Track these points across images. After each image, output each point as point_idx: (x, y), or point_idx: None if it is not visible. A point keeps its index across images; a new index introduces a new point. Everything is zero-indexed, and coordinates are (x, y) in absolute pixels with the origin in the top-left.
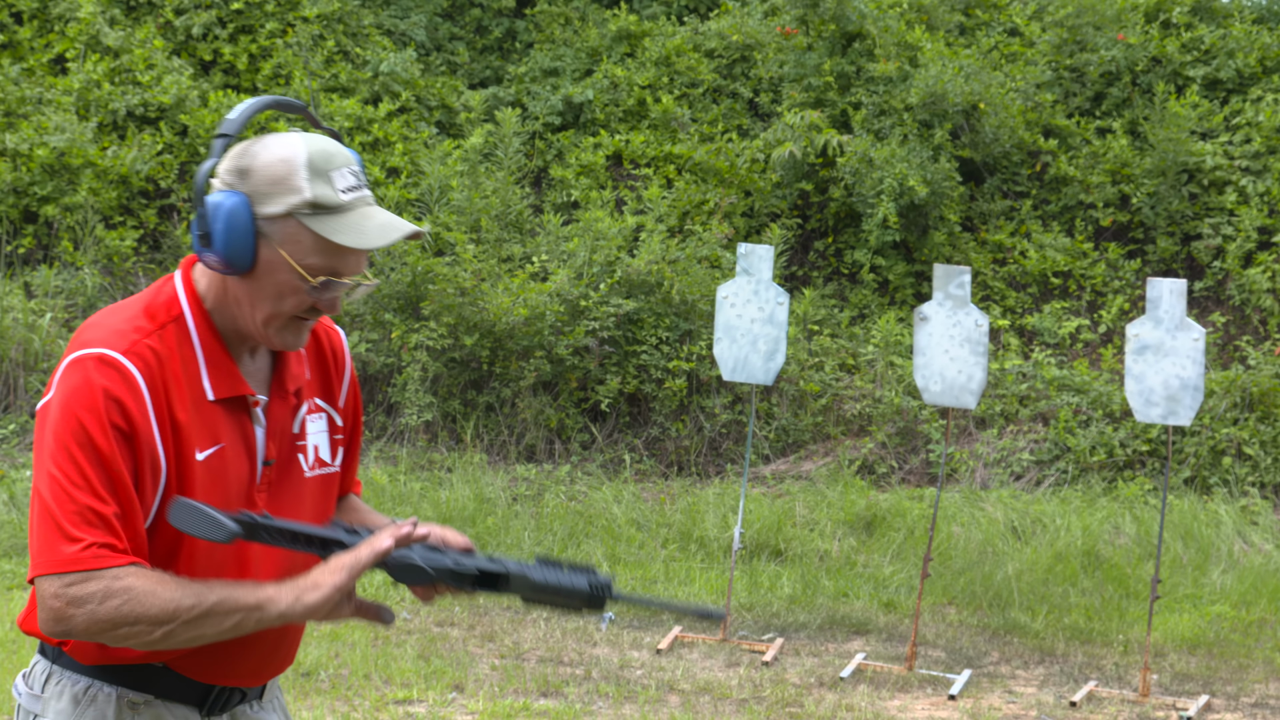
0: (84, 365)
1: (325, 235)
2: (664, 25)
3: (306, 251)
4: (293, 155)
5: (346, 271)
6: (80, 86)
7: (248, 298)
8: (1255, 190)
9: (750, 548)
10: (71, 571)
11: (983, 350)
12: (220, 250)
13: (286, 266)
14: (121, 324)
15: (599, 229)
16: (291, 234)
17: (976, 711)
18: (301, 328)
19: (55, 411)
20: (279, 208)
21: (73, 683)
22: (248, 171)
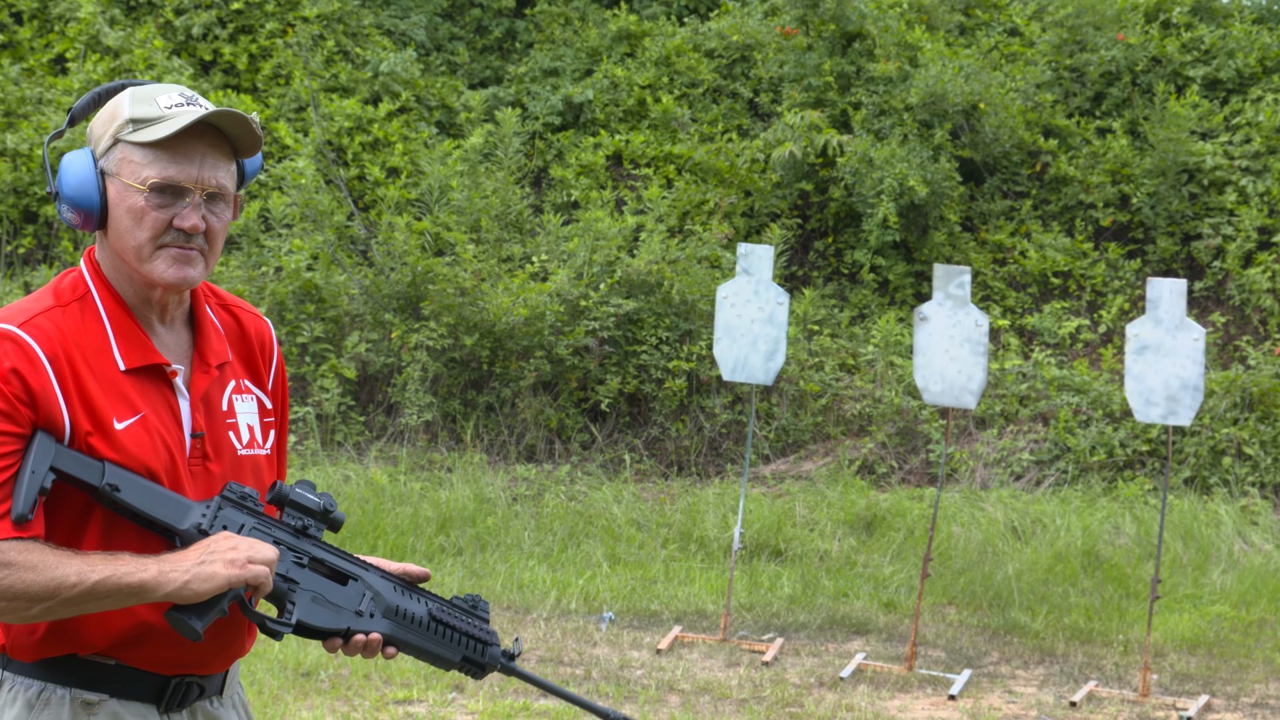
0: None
1: (147, 139)
2: (664, 25)
3: (137, 167)
4: (119, 100)
5: (184, 178)
6: (80, 86)
7: (119, 243)
8: (1255, 190)
9: (750, 548)
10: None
11: (983, 350)
12: (71, 197)
13: (126, 189)
14: (25, 304)
15: (599, 229)
16: (122, 158)
17: (976, 711)
18: (180, 256)
19: None
20: (107, 141)
21: (25, 687)
22: (89, 133)
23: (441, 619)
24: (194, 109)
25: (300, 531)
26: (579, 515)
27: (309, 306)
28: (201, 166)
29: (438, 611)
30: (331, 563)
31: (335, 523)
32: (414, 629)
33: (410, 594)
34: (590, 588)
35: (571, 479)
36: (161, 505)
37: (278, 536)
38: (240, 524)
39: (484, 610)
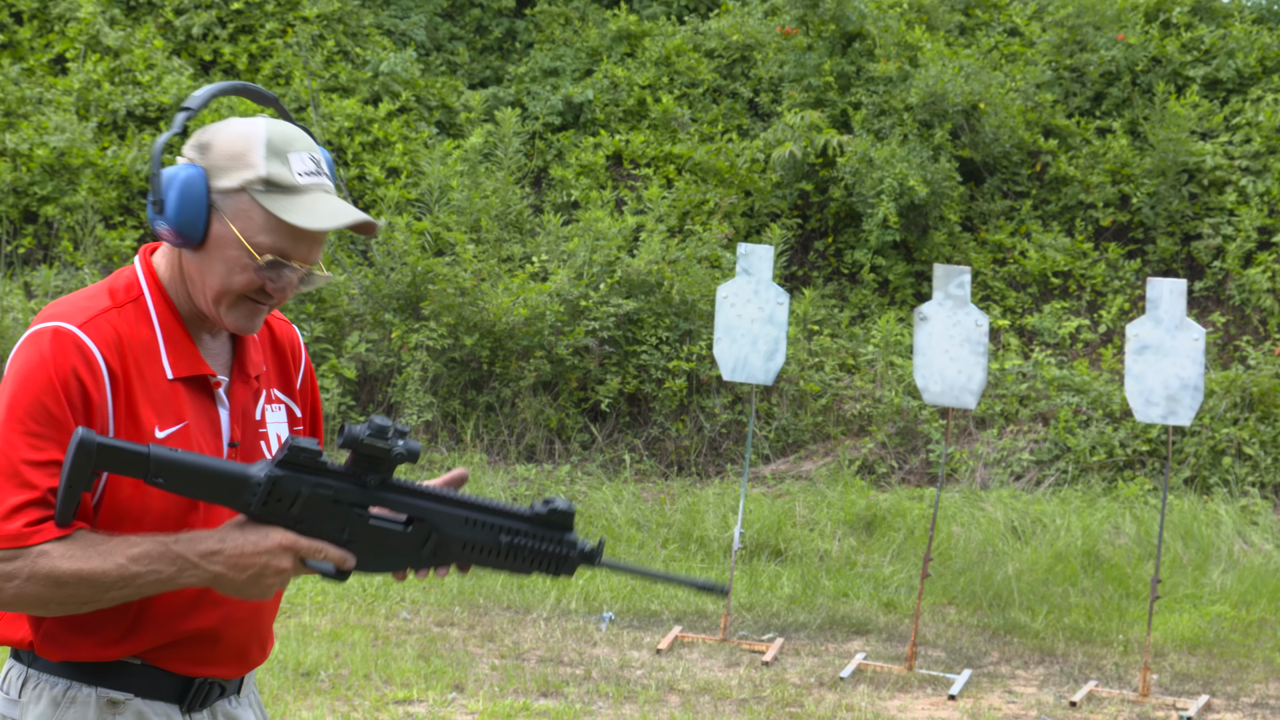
0: (41, 338)
1: (275, 213)
2: (664, 25)
3: (257, 229)
4: (252, 133)
5: (296, 255)
6: (80, 86)
7: (199, 272)
8: (1255, 190)
9: (750, 548)
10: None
11: (983, 350)
12: (172, 219)
13: (236, 242)
14: (81, 301)
15: (599, 229)
16: (243, 209)
17: (976, 711)
18: (253, 311)
19: (8, 381)
20: (233, 182)
21: (50, 685)
22: (207, 146)
23: (512, 545)
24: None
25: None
26: (579, 515)
27: (309, 306)
28: (313, 247)
29: (508, 540)
30: (397, 506)
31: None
32: (483, 556)
33: (482, 522)
34: (590, 588)
35: (571, 479)
36: (211, 489)
37: (338, 495)
38: (295, 493)
39: (563, 519)
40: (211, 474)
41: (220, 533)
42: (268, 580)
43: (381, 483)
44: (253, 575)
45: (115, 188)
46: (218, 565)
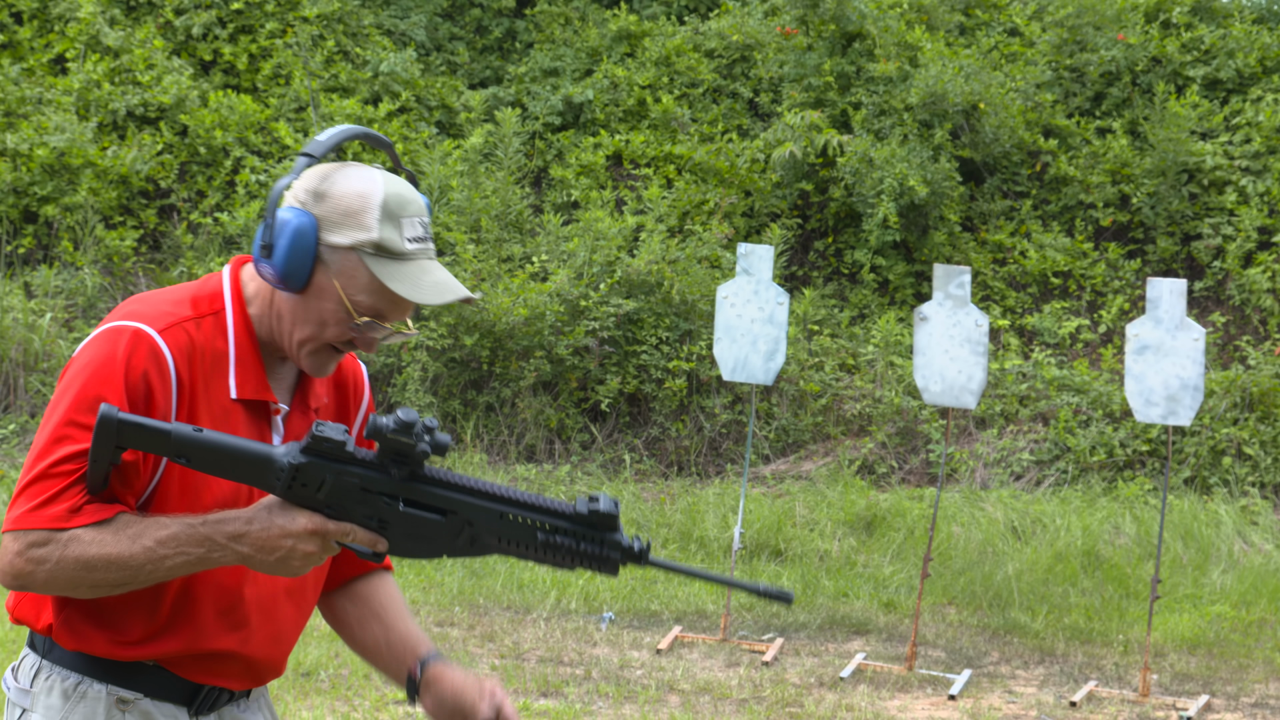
0: (118, 335)
1: (381, 279)
2: (664, 25)
3: (359, 288)
4: (370, 192)
5: (391, 317)
6: (80, 86)
7: (291, 315)
8: (1255, 190)
9: (750, 548)
10: (35, 529)
11: (983, 350)
12: (279, 265)
13: (336, 297)
14: (165, 305)
15: (599, 229)
16: (349, 268)
17: (976, 711)
18: (333, 357)
19: (77, 371)
20: (344, 239)
21: (62, 678)
22: (323, 196)
23: (550, 543)
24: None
25: (397, 466)
26: None
27: None
28: (406, 309)
29: (544, 538)
30: (427, 501)
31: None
32: (521, 551)
33: (518, 519)
34: (590, 588)
35: (571, 479)
36: (237, 469)
37: (365, 484)
38: (320, 480)
39: (605, 520)
40: (236, 453)
41: (249, 514)
42: (294, 563)
43: (411, 475)
44: (280, 558)
45: (115, 188)
46: (245, 547)
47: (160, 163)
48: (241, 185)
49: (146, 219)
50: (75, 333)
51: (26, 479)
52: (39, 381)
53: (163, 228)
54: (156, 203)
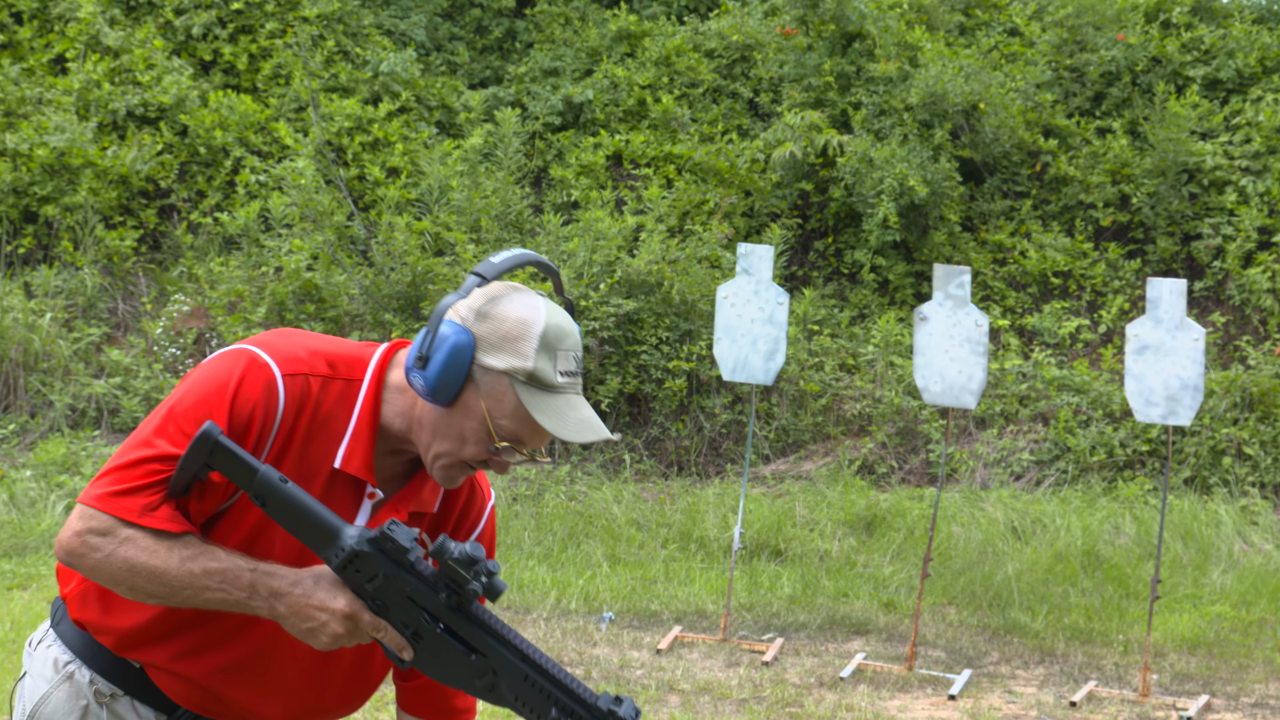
0: (245, 358)
1: (528, 408)
2: (664, 25)
3: (504, 413)
4: (532, 320)
5: (530, 444)
6: (80, 86)
7: (432, 427)
8: (1255, 190)
9: (750, 548)
10: (102, 514)
11: (983, 350)
12: (431, 378)
13: (481, 418)
14: (301, 351)
15: (599, 229)
16: (499, 391)
17: (976, 711)
18: (464, 472)
19: (196, 381)
20: (499, 363)
21: (60, 651)
22: (486, 316)
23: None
24: (576, 391)
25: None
26: (579, 515)
27: (309, 306)
28: (546, 439)
29: (556, 715)
30: (463, 634)
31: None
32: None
33: (541, 687)
34: (590, 588)
35: (571, 479)
36: (304, 529)
37: (413, 595)
38: (375, 573)
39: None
40: (308, 515)
41: (295, 576)
42: (322, 637)
43: (458, 605)
44: (310, 628)
45: (115, 188)
46: (281, 606)
47: (160, 163)
48: (241, 185)
49: (146, 219)
50: (75, 333)
51: (117, 462)
52: (39, 381)
53: (163, 228)
54: (156, 203)
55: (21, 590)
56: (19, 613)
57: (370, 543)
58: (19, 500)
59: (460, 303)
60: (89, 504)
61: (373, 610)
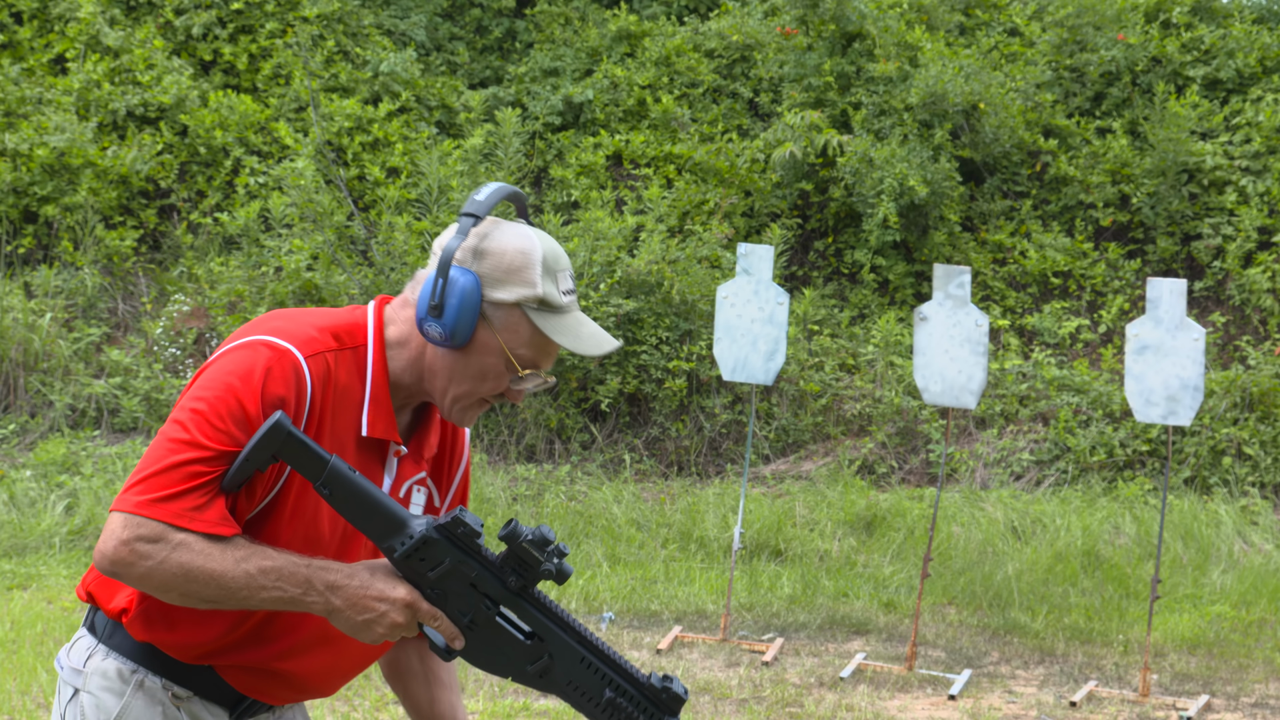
0: (265, 349)
1: (546, 333)
2: (664, 25)
3: (522, 343)
4: (530, 249)
5: (545, 366)
6: (80, 86)
7: (447, 371)
8: (1255, 190)
9: (750, 548)
10: (152, 520)
11: (983, 350)
12: (450, 325)
13: (499, 353)
14: (309, 330)
15: (599, 229)
16: (513, 324)
17: (976, 711)
18: (481, 409)
19: (217, 377)
20: (508, 296)
21: (120, 662)
22: (484, 254)
23: (612, 702)
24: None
25: (509, 574)
26: (579, 515)
27: (309, 306)
28: (554, 358)
29: (610, 695)
30: (522, 618)
31: (553, 576)
32: (580, 700)
33: (596, 668)
34: (590, 588)
35: (571, 479)
36: (368, 520)
37: (477, 581)
38: (440, 561)
39: (674, 704)
40: (375, 505)
41: (351, 569)
42: (379, 629)
43: (522, 588)
44: (367, 620)
45: (115, 188)
46: (338, 600)
47: (160, 163)
48: (241, 185)
49: (146, 219)
50: (75, 333)
51: (150, 469)
52: (39, 381)
53: (163, 228)
54: (156, 203)
55: (21, 590)
56: (19, 613)
57: (439, 529)
58: (19, 500)
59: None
60: (134, 511)
61: (429, 599)
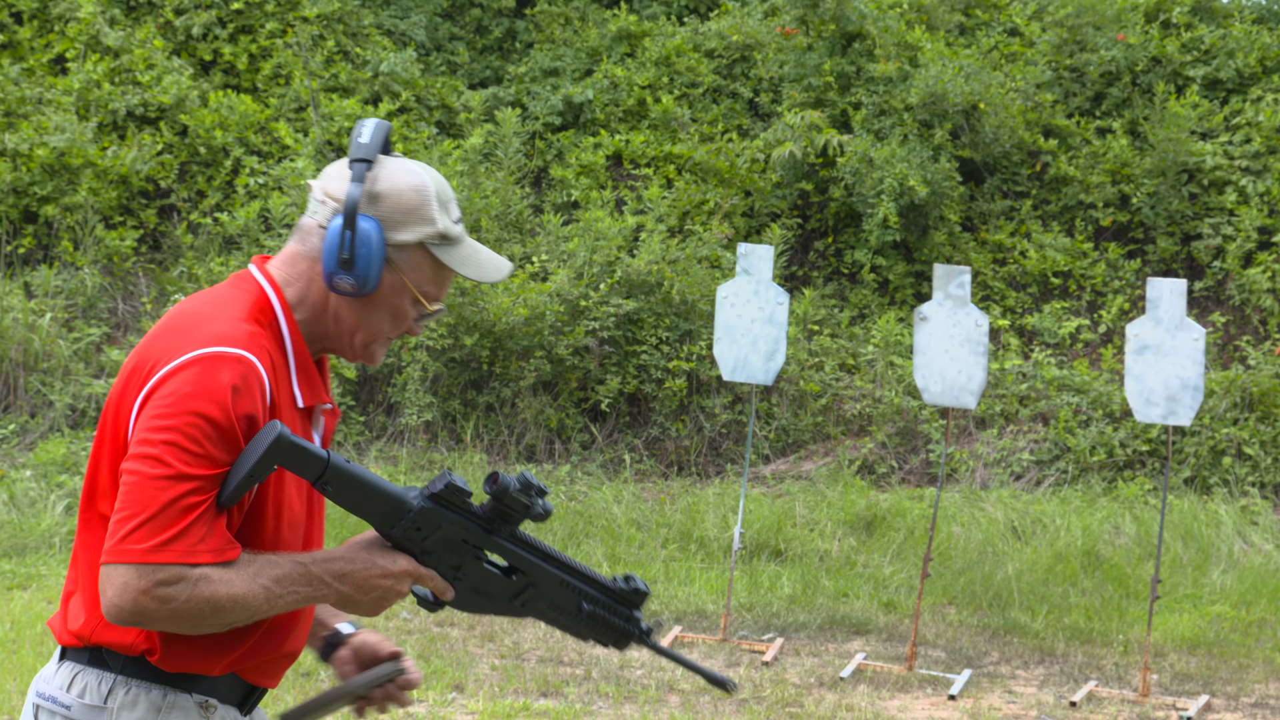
0: (220, 362)
1: (451, 266)
2: (664, 25)
3: (428, 279)
4: (423, 185)
5: (444, 297)
6: (80, 86)
7: (355, 318)
8: (1255, 190)
9: (750, 548)
10: (166, 565)
11: (983, 350)
12: (362, 276)
13: (407, 293)
14: (236, 323)
15: (599, 229)
16: (417, 263)
17: (976, 711)
18: (386, 346)
19: (181, 400)
20: (411, 237)
21: (145, 690)
22: (378, 197)
23: (591, 613)
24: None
25: (496, 523)
26: (579, 515)
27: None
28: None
29: (589, 608)
30: (505, 555)
31: (539, 519)
32: (561, 618)
33: (572, 587)
34: None
35: (571, 479)
36: (367, 505)
37: (467, 536)
38: (437, 525)
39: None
40: (374, 491)
41: (349, 553)
42: (387, 602)
43: (510, 534)
44: (375, 598)
45: (115, 188)
46: (347, 586)
47: (160, 163)
48: (241, 185)
49: (146, 219)
50: (75, 333)
51: (144, 514)
52: (39, 381)
53: (163, 228)
54: (156, 203)
55: (21, 590)
56: (19, 613)
57: (432, 498)
58: (19, 500)
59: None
60: (144, 560)
61: (423, 562)
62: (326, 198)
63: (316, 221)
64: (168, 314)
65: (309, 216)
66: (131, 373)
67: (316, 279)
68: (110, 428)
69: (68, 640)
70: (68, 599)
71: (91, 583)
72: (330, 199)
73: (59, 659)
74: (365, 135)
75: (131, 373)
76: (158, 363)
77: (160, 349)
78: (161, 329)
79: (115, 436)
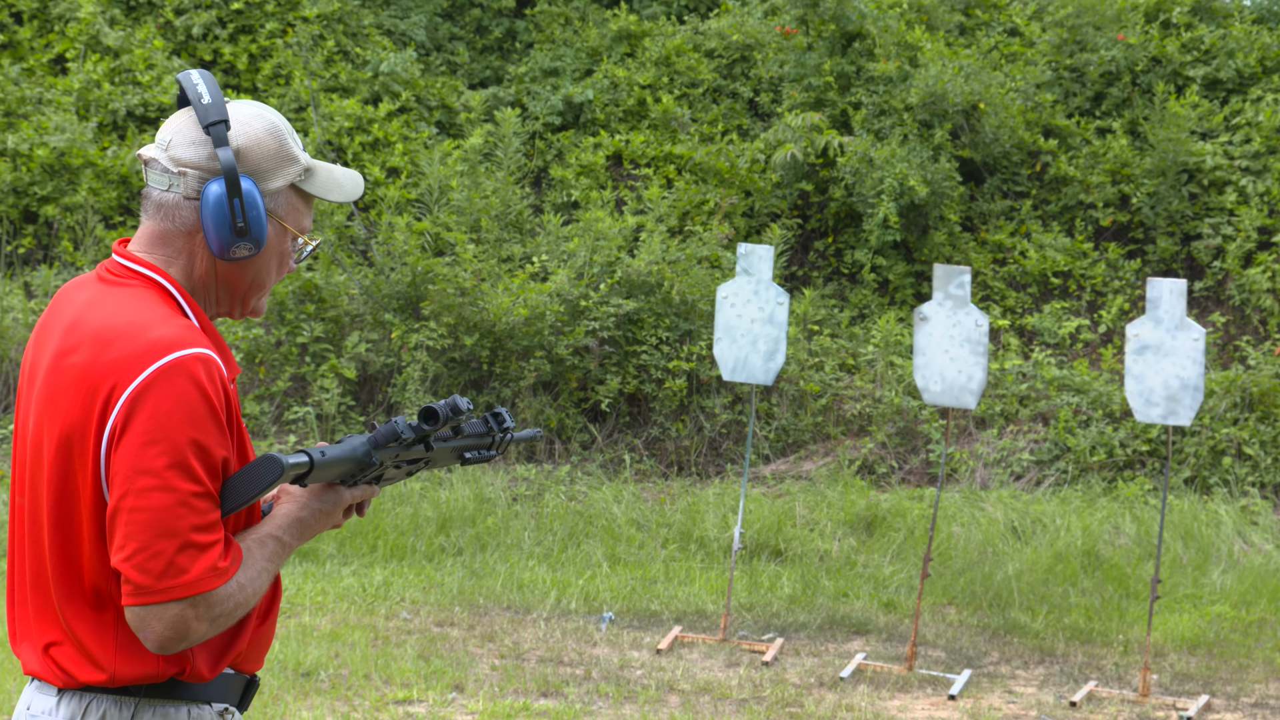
0: (187, 368)
1: (320, 195)
2: (664, 25)
3: (301, 215)
4: (274, 124)
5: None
6: (80, 86)
7: (246, 278)
8: (1255, 190)
9: (750, 548)
10: (208, 592)
11: (983, 350)
12: (258, 238)
13: (288, 235)
14: (169, 319)
15: (599, 229)
16: (291, 203)
17: (976, 711)
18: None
19: (164, 420)
20: (282, 181)
21: (174, 710)
22: (243, 153)
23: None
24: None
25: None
26: (579, 515)
27: (309, 306)
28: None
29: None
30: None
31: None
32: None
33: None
34: (590, 588)
35: (571, 479)
36: (338, 473)
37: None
38: (380, 466)
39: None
40: (343, 461)
41: (297, 502)
42: (330, 526)
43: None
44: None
45: (115, 188)
46: (309, 532)
47: None
48: None
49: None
50: None
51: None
52: None
53: None
54: None
55: None
56: None
57: (375, 447)
58: None
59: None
60: (193, 593)
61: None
62: (183, 168)
63: (180, 194)
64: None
65: (164, 190)
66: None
67: (200, 251)
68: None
69: (71, 684)
70: (46, 647)
71: (86, 633)
72: (189, 168)
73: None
74: (206, 94)
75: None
76: (116, 387)
77: (104, 370)
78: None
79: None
